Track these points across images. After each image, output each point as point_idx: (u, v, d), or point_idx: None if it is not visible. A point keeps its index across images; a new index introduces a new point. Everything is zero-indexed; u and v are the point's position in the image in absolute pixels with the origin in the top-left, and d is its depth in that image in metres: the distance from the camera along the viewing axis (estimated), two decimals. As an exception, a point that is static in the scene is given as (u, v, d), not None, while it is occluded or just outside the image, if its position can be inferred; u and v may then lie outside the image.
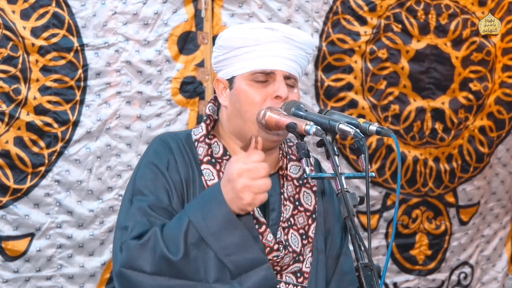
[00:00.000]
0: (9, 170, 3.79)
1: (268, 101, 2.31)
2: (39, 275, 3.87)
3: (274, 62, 2.32)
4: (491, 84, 4.74)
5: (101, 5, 3.91)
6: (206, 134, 2.38)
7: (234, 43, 2.34)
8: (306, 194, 2.43)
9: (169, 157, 2.32)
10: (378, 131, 2.16)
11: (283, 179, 2.41)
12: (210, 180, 2.32)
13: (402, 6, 4.50)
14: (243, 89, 2.33)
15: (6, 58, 3.76)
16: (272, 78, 2.32)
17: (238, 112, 2.35)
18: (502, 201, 4.91)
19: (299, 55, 2.37)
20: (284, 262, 2.32)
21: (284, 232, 2.34)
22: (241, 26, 2.43)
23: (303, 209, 2.40)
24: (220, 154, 2.37)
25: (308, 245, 2.38)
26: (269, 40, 2.32)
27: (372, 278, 2.03)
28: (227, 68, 2.38)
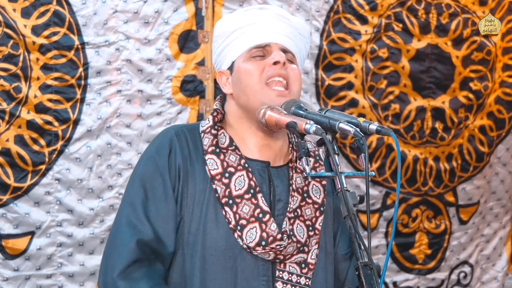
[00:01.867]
0: (9, 168, 3.79)
1: (266, 69, 2.34)
2: (39, 273, 3.88)
3: (268, 35, 2.37)
4: (491, 83, 4.74)
5: (101, 3, 3.92)
6: (212, 125, 2.39)
7: (229, 28, 2.39)
8: (315, 187, 2.43)
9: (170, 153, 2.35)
10: (378, 130, 2.16)
11: (292, 171, 2.42)
12: (214, 169, 2.34)
13: (403, 5, 4.50)
14: (242, 67, 2.37)
15: (7, 56, 3.76)
16: (269, 51, 2.36)
17: (241, 91, 2.37)
18: (502, 201, 4.91)
19: (293, 33, 2.40)
20: (287, 251, 2.32)
21: (290, 222, 2.34)
22: (234, 12, 2.49)
23: (311, 201, 2.40)
24: (226, 144, 2.38)
25: (314, 237, 2.38)
26: (262, 18, 2.38)
27: (372, 277, 2.03)
28: (227, 58, 2.41)
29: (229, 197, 2.32)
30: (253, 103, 2.34)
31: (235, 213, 2.31)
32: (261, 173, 2.38)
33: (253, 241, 2.29)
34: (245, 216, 2.30)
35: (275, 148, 2.43)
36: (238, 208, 2.31)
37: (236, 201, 2.32)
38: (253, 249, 2.29)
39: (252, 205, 2.32)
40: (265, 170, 2.39)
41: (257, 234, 2.29)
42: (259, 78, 2.34)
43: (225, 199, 2.32)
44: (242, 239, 2.29)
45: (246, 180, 2.34)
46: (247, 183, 2.34)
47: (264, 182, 2.37)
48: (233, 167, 2.35)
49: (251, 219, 2.30)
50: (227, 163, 2.35)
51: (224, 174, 2.34)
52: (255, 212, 2.31)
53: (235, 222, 2.30)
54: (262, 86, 2.34)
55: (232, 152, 2.37)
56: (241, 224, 2.30)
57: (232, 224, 2.30)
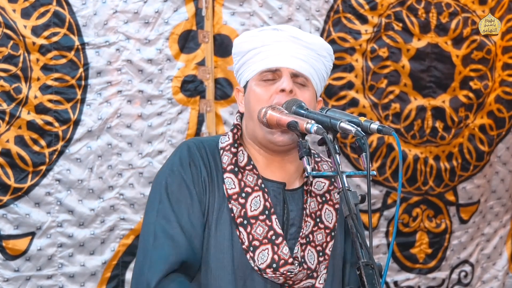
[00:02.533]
0: (10, 169, 3.79)
1: (274, 96, 2.32)
2: (39, 274, 3.88)
3: (279, 59, 2.34)
4: (491, 82, 4.74)
5: (101, 3, 3.92)
6: (232, 143, 2.39)
7: (243, 47, 2.39)
8: (328, 212, 2.43)
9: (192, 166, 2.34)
10: (380, 130, 2.16)
11: (307, 195, 2.41)
12: (231, 189, 2.33)
13: (403, 4, 4.50)
14: (252, 89, 2.36)
15: (7, 57, 3.76)
16: (279, 76, 2.34)
17: (249, 114, 2.37)
18: (502, 200, 4.91)
19: (308, 55, 2.37)
20: (297, 277, 2.32)
21: (302, 248, 2.34)
22: (249, 31, 2.48)
23: (323, 226, 2.40)
24: (244, 163, 2.37)
25: (324, 262, 2.39)
26: (275, 40, 2.35)
27: (374, 277, 2.03)
28: (243, 75, 2.42)
29: (244, 217, 2.31)
30: (258, 129, 2.34)
31: (248, 234, 2.31)
32: (276, 194, 2.37)
33: (264, 263, 2.29)
34: (258, 237, 2.30)
35: (290, 170, 2.42)
36: (252, 229, 2.31)
37: (251, 221, 2.31)
38: (264, 271, 2.29)
39: (266, 227, 2.32)
40: (280, 191, 2.38)
41: (269, 256, 2.29)
42: (266, 105, 2.31)
43: (240, 219, 2.31)
44: (254, 260, 2.30)
45: (262, 201, 2.34)
46: (263, 204, 2.33)
47: (278, 204, 2.37)
48: (250, 187, 2.34)
49: (264, 241, 2.30)
50: (244, 183, 2.34)
51: (241, 194, 2.33)
52: (268, 234, 2.31)
53: (248, 243, 2.30)
54: None
55: (250, 171, 2.36)
56: (253, 245, 2.30)
57: (245, 245, 2.30)
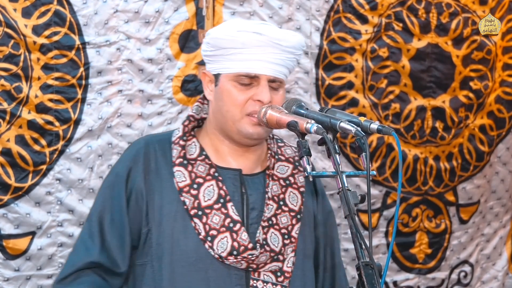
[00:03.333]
0: (10, 169, 3.79)
1: (249, 103, 2.33)
2: (40, 273, 3.88)
3: (259, 66, 2.33)
4: (491, 82, 4.75)
5: (102, 3, 3.92)
6: (181, 135, 2.40)
7: (221, 43, 2.36)
8: (292, 195, 2.43)
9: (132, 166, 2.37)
10: (379, 130, 2.16)
11: (269, 179, 2.41)
12: (182, 181, 2.34)
13: (403, 4, 4.51)
14: (227, 89, 2.35)
15: (8, 56, 3.77)
16: (256, 81, 2.34)
17: (220, 110, 2.37)
18: (502, 200, 4.91)
19: (286, 59, 2.37)
20: (260, 260, 2.32)
21: (264, 231, 2.34)
22: (229, 26, 2.42)
23: (288, 209, 2.40)
24: (195, 154, 2.38)
25: (290, 245, 2.38)
26: (256, 45, 2.32)
27: (373, 277, 2.04)
28: (214, 64, 2.39)
29: (198, 208, 2.32)
30: (230, 126, 2.36)
31: (204, 224, 2.30)
32: (233, 181, 2.38)
33: (225, 251, 2.29)
34: (215, 226, 2.30)
35: (251, 158, 2.43)
36: (208, 219, 2.31)
37: (206, 211, 2.31)
38: (225, 259, 2.29)
39: (222, 215, 2.32)
40: (237, 178, 2.39)
41: (228, 244, 2.29)
42: (241, 109, 2.33)
43: (194, 210, 2.31)
44: (213, 249, 2.29)
45: (216, 189, 2.34)
46: (217, 193, 2.34)
47: (236, 191, 2.37)
48: (202, 177, 2.35)
49: (222, 229, 2.30)
50: (195, 174, 2.35)
51: (192, 186, 2.34)
52: (225, 222, 2.31)
53: (205, 233, 2.30)
54: (242, 117, 2.34)
55: (201, 162, 2.37)
56: (211, 234, 2.30)
57: (202, 235, 2.30)
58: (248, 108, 2.33)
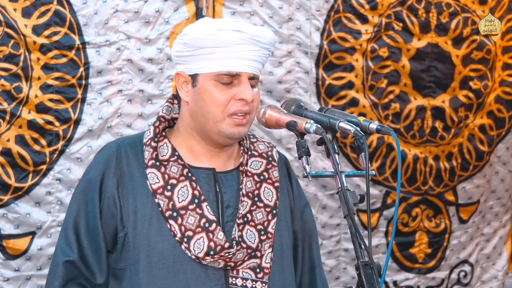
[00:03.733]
0: (10, 169, 3.80)
1: (232, 103, 2.30)
2: (40, 273, 3.88)
3: (240, 64, 2.31)
4: (491, 82, 4.75)
5: (102, 3, 3.92)
6: (152, 137, 2.38)
7: (201, 43, 2.31)
8: (267, 190, 2.41)
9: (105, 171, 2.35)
10: (378, 129, 2.16)
11: (243, 175, 2.40)
12: (155, 183, 2.33)
13: (403, 4, 4.51)
14: (208, 89, 2.32)
15: (8, 56, 3.77)
16: (237, 80, 2.31)
17: (200, 111, 2.34)
18: (502, 200, 4.91)
19: (263, 55, 2.36)
20: (237, 258, 2.31)
21: (239, 228, 2.33)
22: (208, 25, 2.36)
23: (263, 205, 2.39)
24: (168, 155, 2.36)
25: (267, 241, 2.37)
26: (237, 43, 2.30)
27: (373, 277, 2.03)
28: (190, 64, 2.35)
29: (173, 209, 2.30)
30: (211, 127, 2.33)
31: (180, 225, 2.29)
32: (207, 180, 2.37)
33: (202, 251, 2.28)
34: (190, 227, 2.29)
35: (224, 156, 2.42)
36: (184, 220, 2.30)
37: (181, 213, 2.30)
38: (202, 259, 2.28)
39: (197, 215, 2.30)
40: (210, 177, 2.37)
41: (205, 244, 2.28)
42: (223, 109, 2.30)
43: (168, 212, 2.30)
44: (189, 250, 2.28)
45: (190, 190, 2.33)
46: (191, 193, 2.32)
47: (210, 190, 2.36)
48: (175, 178, 2.33)
49: (197, 230, 2.29)
50: (168, 175, 2.33)
51: (166, 187, 2.32)
52: (201, 222, 2.30)
53: (181, 234, 2.29)
54: (224, 117, 2.31)
55: (174, 162, 2.35)
56: (187, 236, 2.29)
57: (178, 237, 2.29)
58: (231, 108, 2.30)
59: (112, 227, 2.33)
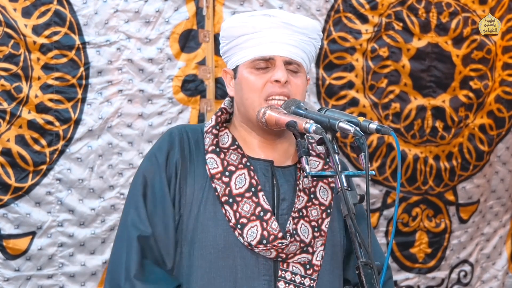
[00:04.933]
0: (10, 169, 3.80)
1: (268, 85, 2.32)
2: (40, 273, 3.88)
3: (273, 48, 2.33)
4: (491, 82, 4.75)
5: (102, 3, 3.92)
6: (214, 125, 2.40)
7: (234, 32, 2.37)
8: (323, 189, 2.41)
9: (169, 151, 2.36)
10: (378, 129, 2.16)
11: (300, 172, 2.40)
12: (213, 168, 2.34)
13: (403, 4, 4.51)
14: (245, 77, 2.35)
15: (8, 56, 3.77)
16: (272, 64, 2.33)
17: (241, 101, 2.37)
18: (502, 199, 4.91)
19: (301, 40, 2.37)
20: (290, 250, 2.30)
21: (294, 221, 2.32)
22: (240, 14, 2.45)
23: (318, 203, 2.38)
24: (228, 144, 2.38)
25: (320, 238, 2.36)
26: (267, 27, 2.34)
27: (373, 276, 2.04)
28: (232, 58, 2.40)
29: (229, 195, 2.31)
30: (251, 115, 2.34)
31: (235, 212, 2.30)
32: (264, 172, 2.37)
33: (255, 239, 2.27)
34: (245, 214, 2.29)
35: (280, 150, 2.42)
36: (239, 207, 2.30)
37: (237, 199, 2.31)
38: (255, 247, 2.27)
39: (253, 203, 2.31)
40: (268, 169, 2.38)
41: (258, 233, 2.28)
42: (259, 94, 2.32)
43: (225, 197, 2.31)
44: (242, 237, 2.28)
45: (247, 178, 2.33)
46: (248, 182, 2.33)
47: (267, 181, 2.36)
48: (234, 165, 2.35)
49: (252, 218, 2.29)
50: (227, 162, 2.35)
51: (224, 173, 2.33)
52: (256, 211, 2.30)
53: (235, 220, 2.29)
54: (261, 102, 2.33)
55: (234, 151, 2.37)
56: (241, 222, 2.29)
57: (232, 222, 2.29)
58: (267, 91, 2.32)
59: (175, 207, 2.34)
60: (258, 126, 2.36)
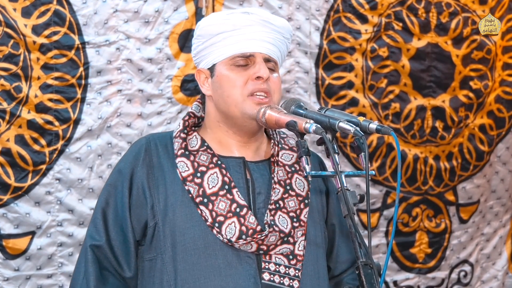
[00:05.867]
0: (10, 168, 3.80)
1: (249, 82, 2.33)
2: (39, 273, 3.88)
3: (253, 45, 2.35)
4: (491, 82, 4.74)
5: (102, 2, 3.92)
6: (182, 129, 2.40)
7: (212, 30, 2.37)
8: (299, 180, 2.42)
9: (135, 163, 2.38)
10: (378, 129, 2.16)
11: (274, 165, 2.41)
12: (184, 171, 2.34)
13: (403, 4, 4.51)
14: (224, 74, 2.36)
15: (7, 56, 3.77)
16: (252, 61, 2.35)
17: (221, 98, 2.37)
18: (502, 200, 4.91)
19: (277, 39, 2.39)
20: (270, 241, 2.30)
21: (271, 213, 2.33)
22: (218, 13, 2.46)
23: (295, 194, 2.39)
24: (197, 146, 2.38)
25: (299, 228, 2.36)
26: (246, 24, 2.35)
27: (372, 276, 2.04)
28: (207, 58, 2.41)
29: (203, 196, 2.32)
30: (233, 111, 2.35)
31: (211, 211, 2.30)
32: (237, 168, 2.38)
33: (234, 236, 2.28)
34: (222, 212, 2.30)
35: (252, 148, 2.43)
36: (214, 206, 2.30)
37: (211, 199, 2.31)
38: (235, 242, 2.28)
39: (228, 201, 2.31)
40: (240, 165, 2.39)
41: (237, 229, 2.28)
42: (241, 90, 2.33)
43: (199, 198, 2.31)
44: (221, 234, 2.28)
45: (220, 177, 2.34)
46: (221, 180, 2.34)
47: (241, 177, 2.37)
48: (205, 166, 2.35)
49: (229, 215, 2.30)
50: (197, 163, 2.35)
51: (195, 174, 2.34)
52: (232, 207, 2.31)
53: (212, 219, 2.29)
54: (244, 99, 2.34)
55: (203, 152, 2.37)
56: (218, 221, 2.29)
57: (209, 222, 2.29)
58: (249, 88, 2.33)
59: (142, 217, 2.35)
60: (235, 124, 2.37)
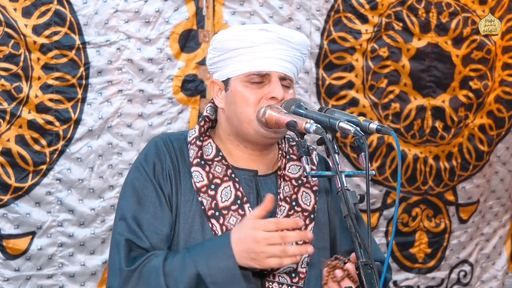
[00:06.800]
0: (10, 169, 3.80)
1: (263, 101, 2.31)
2: (40, 273, 3.88)
3: (269, 63, 2.32)
4: (491, 82, 4.75)
5: (102, 3, 3.92)
6: (198, 136, 2.39)
7: (228, 45, 2.34)
8: (305, 194, 2.41)
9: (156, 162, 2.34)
10: (378, 129, 2.16)
11: (280, 179, 2.40)
12: (199, 182, 2.33)
13: (403, 4, 4.51)
14: (239, 91, 2.33)
15: (8, 56, 3.77)
16: (268, 79, 2.32)
17: (233, 114, 2.35)
18: (501, 200, 4.91)
19: (294, 56, 2.37)
20: None
21: None
22: (236, 27, 2.43)
23: (300, 209, 2.38)
24: (212, 155, 2.37)
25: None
26: (264, 42, 2.32)
27: (373, 276, 2.03)
28: (222, 70, 2.38)
29: (215, 209, 2.31)
30: (246, 128, 2.34)
31: (221, 225, 2.30)
32: (249, 182, 2.37)
33: None
34: (232, 227, 2.28)
35: (263, 160, 2.42)
36: (225, 220, 2.30)
37: (223, 212, 2.31)
38: None
39: (239, 216, 2.31)
40: (252, 179, 2.38)
41: None
42: (254, 108, 2.31)
43: (211, 211, 2.31)
44: None
45: (233, 191, 2.33)
46: (234, 194, 2.33)
47: (251, 192, 2.37)
48: (219, 178, 2.34)
49: None
50: (212, 175, 2.34)
51: (210, 186, 2.33)
52: None
53: (222, 234, 2.28)
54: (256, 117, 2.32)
55: (218, 163, 2.36)
56: None
57: None
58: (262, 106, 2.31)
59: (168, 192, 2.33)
60: (247, 139, 2.36)
